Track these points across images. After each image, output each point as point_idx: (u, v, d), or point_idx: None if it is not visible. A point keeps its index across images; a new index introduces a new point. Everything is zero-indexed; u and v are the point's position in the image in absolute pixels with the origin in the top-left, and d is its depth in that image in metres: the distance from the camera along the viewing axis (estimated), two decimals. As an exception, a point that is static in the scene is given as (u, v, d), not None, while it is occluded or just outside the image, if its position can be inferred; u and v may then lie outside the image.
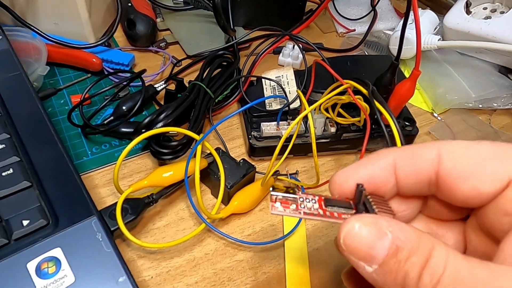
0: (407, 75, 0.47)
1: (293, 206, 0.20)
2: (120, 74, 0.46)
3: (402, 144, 0.25)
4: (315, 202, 0.20)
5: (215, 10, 0.42)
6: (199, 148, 0.32)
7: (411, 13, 0.58)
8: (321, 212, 0.20)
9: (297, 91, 0.34)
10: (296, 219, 0.35)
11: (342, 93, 0.36)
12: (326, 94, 0.35)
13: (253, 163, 0.37)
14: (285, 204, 0.20)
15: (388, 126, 0.41)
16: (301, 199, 0.20)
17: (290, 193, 0.20)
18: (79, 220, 0.29)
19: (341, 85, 0.34)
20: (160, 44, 0.52)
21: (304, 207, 0.20)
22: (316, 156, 0.31)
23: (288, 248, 0.33)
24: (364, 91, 0.31)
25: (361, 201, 0.20)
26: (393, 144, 0.28)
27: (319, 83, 0.41)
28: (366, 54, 0.54)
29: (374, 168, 0.20)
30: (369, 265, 0.17)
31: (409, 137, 0.42)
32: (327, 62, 0.35)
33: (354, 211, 0.20)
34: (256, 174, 0.38)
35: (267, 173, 0.33)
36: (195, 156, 0.33)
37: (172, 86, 0.45)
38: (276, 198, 0.20)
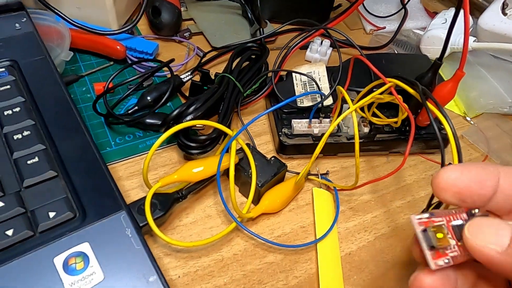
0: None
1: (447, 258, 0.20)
2: (143, 63, 0.45)
3: (457, 147, 0.24)
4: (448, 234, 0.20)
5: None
6: (234, 143, 0.30)
7: (443, 12, 0.56)
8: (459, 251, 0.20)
9: (339, 88, 0.32)
10: (329, 223, 0.33)
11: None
12: (365, 92, 0.33)
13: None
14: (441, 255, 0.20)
15: (424, 128, 0.40)
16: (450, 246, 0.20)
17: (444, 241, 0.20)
18: (108, 214, 0.27)
19: (383, 83, 0.32)
20: (184, 34, 0.50)
21: (451, 251, 0.20)
22: (358, 157, 0.29)
23: (321, 252, 0.32)
24: (411, 91, 0.29)
25: None
26: (445, 145, 0.26)
27: (353, 80, 0.39)
28: (396, 52, 0.53)
29: (484, 171, 0.20)
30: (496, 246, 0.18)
31: (444, 141, 0.40)
32: (366, 58, 0.33)
33: None
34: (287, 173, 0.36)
35: (302, 173, 0.32)
36: (227, 151, 0.31)
37: (196, 78, 0.44)
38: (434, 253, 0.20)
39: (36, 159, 0.28)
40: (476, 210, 0.20)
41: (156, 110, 0.39)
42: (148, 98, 0.40)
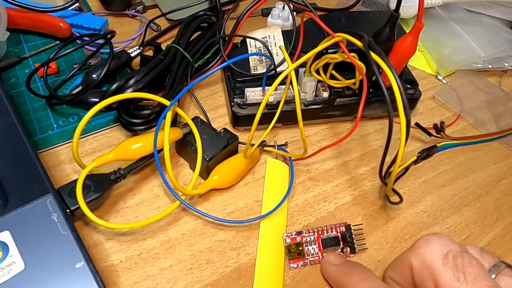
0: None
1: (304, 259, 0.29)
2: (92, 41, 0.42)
3: (405, 109, 0.21)
4: (315, 244, 0.29)
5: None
6: (169, 115, 0.28)
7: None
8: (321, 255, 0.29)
9: (280, 47, 0.29)
10: (278, 199, 0.31)
11: (334, 52, 0.32)
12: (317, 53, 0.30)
13: (237, 134, 0.33)
14: (298, 260, 0.29)
15: (388, 89, 0.37)
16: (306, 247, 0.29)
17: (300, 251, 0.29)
18: (33, 199, 0.25)
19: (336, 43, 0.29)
20: (137, 8, 0.47)
21: (309, 256, 0.29)
22: (301, 121, 0.27)
23: (264, 231, 0.30)
24: (359, 44, 0.27)
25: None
26: (395, 108, 0.24)
27: (309, 43, 0.36)
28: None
29: None
30: None
31: (411, 101, 0.38)
32: (316, 15, 0.30)
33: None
34: (240, 145, 0.34)
35: (248, 143, 0.29)
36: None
37: (150, 53, 0.41)
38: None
39: (-45, 145, 0.26)
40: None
41: (102, 88, 0.36)
42: (94, 76, 0.37)
